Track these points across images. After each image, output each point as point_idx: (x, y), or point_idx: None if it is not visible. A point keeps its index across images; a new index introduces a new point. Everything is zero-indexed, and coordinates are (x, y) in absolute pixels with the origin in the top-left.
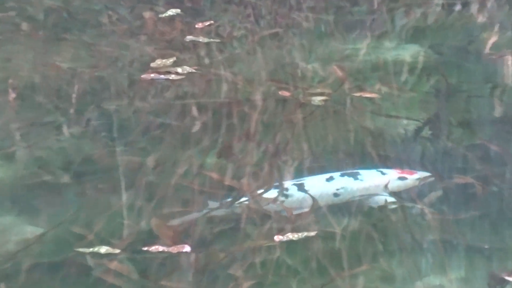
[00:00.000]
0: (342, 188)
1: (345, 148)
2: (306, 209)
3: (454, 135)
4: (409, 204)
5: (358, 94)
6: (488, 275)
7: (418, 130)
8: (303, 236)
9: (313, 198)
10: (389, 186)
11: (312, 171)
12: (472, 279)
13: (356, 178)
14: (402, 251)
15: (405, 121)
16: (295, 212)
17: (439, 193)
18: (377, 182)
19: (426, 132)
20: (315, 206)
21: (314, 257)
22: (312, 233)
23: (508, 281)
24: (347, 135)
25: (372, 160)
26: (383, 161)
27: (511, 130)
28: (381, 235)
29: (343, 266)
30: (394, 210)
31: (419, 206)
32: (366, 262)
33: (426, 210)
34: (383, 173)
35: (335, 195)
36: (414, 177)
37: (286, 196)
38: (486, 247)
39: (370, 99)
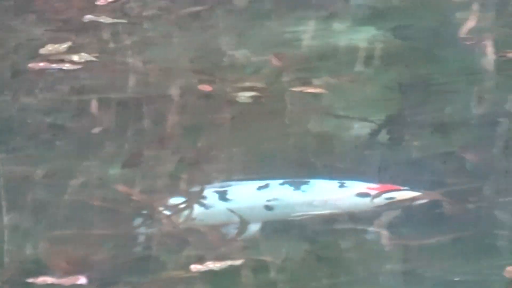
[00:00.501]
0: (274, 199)
1: (283, 156)
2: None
3: (420, 140)
4: (360, 227)
5: (299, 89)
6: None
7: (373, 134)
8: (227, 265)
9: (234, 212)
10: (342, 203)
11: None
12: None
13: (297, 188)
14: (353, 285)
15: (358, 123)
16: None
17: (396, 212)
18: (325, 197)
19: (383, 136)
20: (243, 223)
21: None
22: (238, 262)
23: None
24: (286, 140)
25: (317, 170)
26: (330, 172)
27: (492, 135)
28: (328, 265)
29: None
30: (344, 234)
31: (374, 229)
32: None
33: (383, 234)
34: (342, 185)
35: (267, 208)
36: (387, 195)
37: (204, 206)
38: (457, 279)
39: (314, 95)
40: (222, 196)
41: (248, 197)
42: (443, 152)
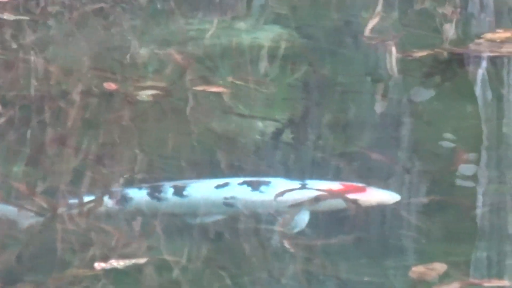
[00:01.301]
0: (232, 197)
1: (187, 155)
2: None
3: (324, 139)
4: (263, 227)
5: (201, 88)
6: None
7: (277, 133)
8: (131, 263)
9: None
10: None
11: (145, 182)
12: None
13: (256, 189)
14: (255, 286)
15: (262, 123)
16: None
17: (299, 211)
18: (284, 198)
19: (288, 136)
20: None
21: None
22: (142, 261)
23: None
24: (189, 139)
25: (221, 171)
26: (235, 172)
27: (396, 135)
28: (231, 266)
29: None
30: (247, 235)
31: (275, 228)
32: None
33: (286, 234)
34: (303, 186)
35: (226, 204)
36: (349, 196)
37: (158, 199)
38: (366, 279)
39: (217, 94)
40: (178, 191)
41: (205, 193)
42: (347, 152)
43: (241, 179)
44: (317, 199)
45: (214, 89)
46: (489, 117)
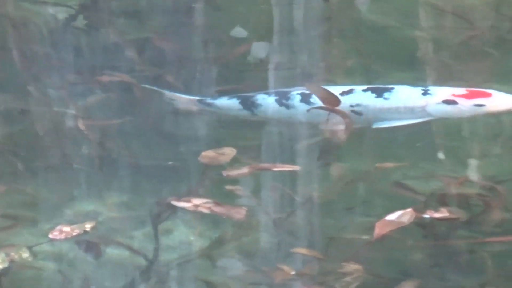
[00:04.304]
0: (357, 105)
1: None
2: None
3: (116, 26)
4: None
5: None
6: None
7: (69, 19)
8: None
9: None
10: (430, 110)
11: None
12: (134, 205)
13: (380, 96)
14: (47, 171)
15: (53, 8)
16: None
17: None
18: (410, 103)
19: (81, 21)
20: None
21: None
22: None
23: (175, 207)
24: None
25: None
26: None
27: (188, 21)
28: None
29: None
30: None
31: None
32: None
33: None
34: (425, 93)
35: (355, 112)
36: (472, 102)
37: (287, 106)
38: (171, 163)
39: None
40: (305, 98)
41: None
42: (138, 38)
43: (364, 86)
44: (444, 104)
45: None
46: (280, 1)
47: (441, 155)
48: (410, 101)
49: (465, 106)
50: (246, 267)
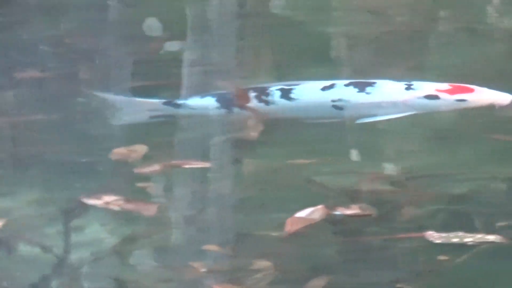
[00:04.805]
0: (339, 100)
1: None
2: None
3: (31, 22)
4: None
5: None
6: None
7: None
8: None
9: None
10: (412, 104)
11: None
12: (47, 202)
13: (362, 90)
14: None
15: None
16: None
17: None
18: (392, 98)
19: None
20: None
21: None
22: None
23: (88, 206)
24: None
25: None
26: None
27: (103, 18)
28: None
29: None
30: None
31: None
32: None
33: None
34: (408, 87)
35: (335, 107)
36: (455, 97)
37: (266, 102)
38: (84, 160)
39: None
40: (285, 94)
41: (312, 95)
42: (53, 35)
43: (347, 81)
44: (426, 99)
45: None
46: None
47: (353, 152)
48: (393, 95)
49: (448, 101)
50: (157, 264)
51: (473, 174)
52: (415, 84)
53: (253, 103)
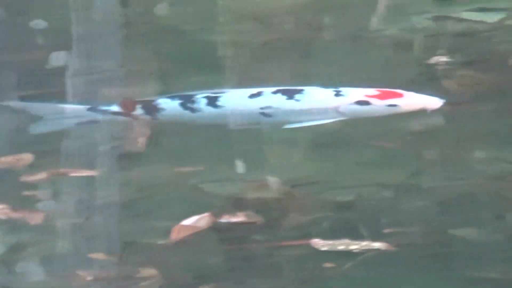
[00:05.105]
0: (268, 107)
1: None
2: None
3: None
4: None
5: None
6: None
7: None
8: None
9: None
10: (343, 111)
11: None
12: None
13: (291, 97)
14: None
15: None
16: None
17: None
18: (323, 105)
19: None
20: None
21: None
22: None
23: None
24: None
25: None
26: None
27: None
28: None
29: None
30: None
31: None
32: None
33: None
34: (337, 94)
35: (264, 115)
36: (386, 102)
37: (192, 110)
38: None
39: None
40: (212, 101)
41: (240, 103)
42: None
43: (274, 88)
44: (357, 105)
45: None
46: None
47: (239, 160)
48: (323, 102)
49: (379, 106)
50: (44, 273)
51: (358, 182)
52: (343, 90)
53: (178, 110)
